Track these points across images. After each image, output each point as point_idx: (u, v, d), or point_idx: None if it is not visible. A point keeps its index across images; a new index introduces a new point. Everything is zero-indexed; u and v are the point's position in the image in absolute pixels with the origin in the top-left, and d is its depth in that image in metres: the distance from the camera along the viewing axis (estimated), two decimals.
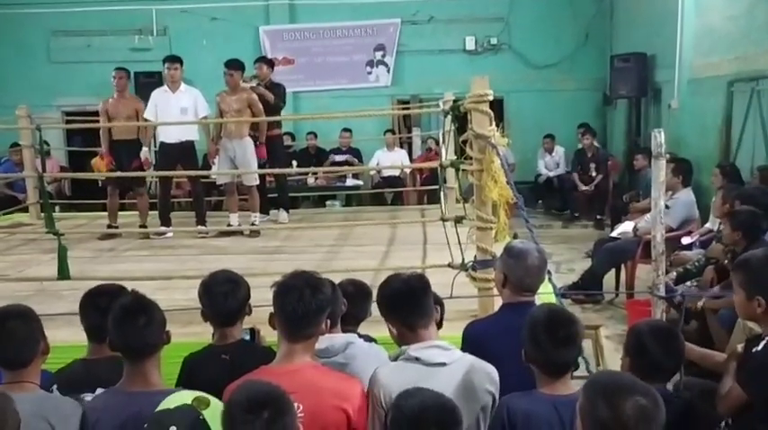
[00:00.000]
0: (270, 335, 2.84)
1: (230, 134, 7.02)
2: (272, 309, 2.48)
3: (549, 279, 3.51)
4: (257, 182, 7.29)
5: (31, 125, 7.63)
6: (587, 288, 6.44)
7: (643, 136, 10.31)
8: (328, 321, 2.48)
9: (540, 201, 11.40)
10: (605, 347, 4.72)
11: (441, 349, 2.49)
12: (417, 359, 2.46)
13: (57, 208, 10.23)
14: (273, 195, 8.00)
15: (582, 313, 6.11)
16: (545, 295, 3.58)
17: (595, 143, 10.73)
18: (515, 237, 5.71)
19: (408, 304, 2.58)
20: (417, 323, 2.56)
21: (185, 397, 2.21)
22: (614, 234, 7.08)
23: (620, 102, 11.11)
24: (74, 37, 12.32)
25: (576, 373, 2.54)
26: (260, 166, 7.27)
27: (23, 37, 12.29)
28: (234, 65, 7.09)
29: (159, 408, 2.16)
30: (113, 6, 12.05)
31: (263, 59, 8.14)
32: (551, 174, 11.31)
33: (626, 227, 7.01)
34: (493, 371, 2.51)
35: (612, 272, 6.81)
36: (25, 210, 8.46)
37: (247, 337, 2.98)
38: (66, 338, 3.50)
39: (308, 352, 2.43)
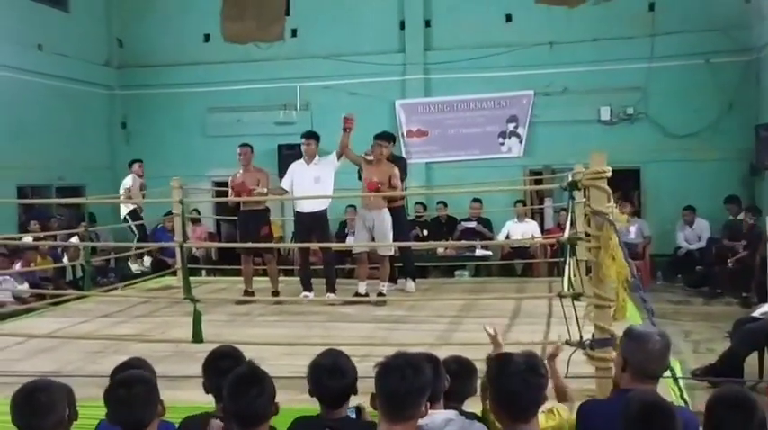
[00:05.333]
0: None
1: (369, 205, 7.30)
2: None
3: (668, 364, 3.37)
4: (391, 252, 7.49)
5: (183, 196, 8.25)
6: (726, 371, 6.04)
7: None
8: (428, 403, 2.49)
9: (679, 276, 10.90)
10: None
11: None
12: None
13: (203, 272, 10.97)
14: (400, 265, 8.17)
15: None
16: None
17: (748, 217, 10.16)
18: (653, 314, 5.50)
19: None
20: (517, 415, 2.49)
21: None
22: (756, 314, 6.64)
23: None
24: (226, 113, 13.32)
25: None
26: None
27: (182, 113, 13.45)
28: (385, 137, 7.45)
29: None
30: (261, 84, 13.01)
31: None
32: (692, 247, 10.82)
33: None
34: None
35: (756, 355, 6.36)
36: (175, 273, 9.09)
37: (353, 415, 3.03)
38: (196, 399, 3.70)
39: None
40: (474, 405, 3.17)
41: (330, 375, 2.85)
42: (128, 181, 10.74)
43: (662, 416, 2.30)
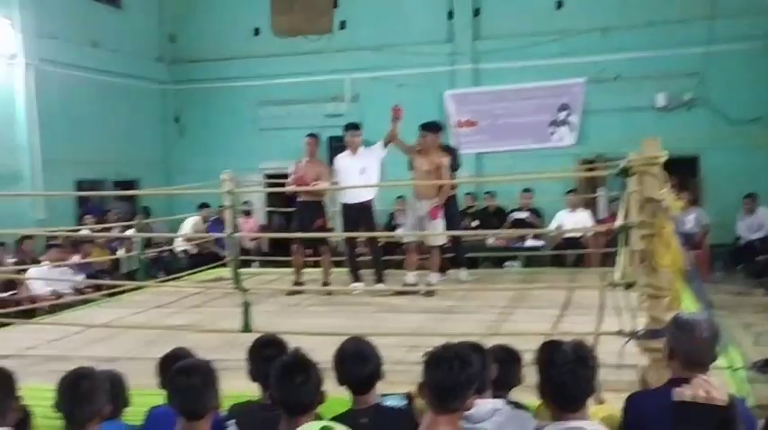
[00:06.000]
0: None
1: (419, 194, 7.26)
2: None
3: (726, 354, 3.26)
4: (442, 242, 7.44)
5: (233, 188, 8.34)
6: None
7: None
8: (474, 395, 2.47)
9: (739, 266, 10.57)
10: None
11: None
12: None
13: (256, 264, 11.09)
14: (450, 255, 8.11)
15: None
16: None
17: None
18: (711, 305, 5.36)
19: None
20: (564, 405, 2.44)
21: (313, 428, 2.34)
22: None
23: None
24: (277, 106, 13.44)
25: None
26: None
27: (233, 107, 13.62)
28: (429, 127, 7.36)
29: None
30: (311, 77, 13.08)
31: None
32: (753, 236, 10.47)
33: None
34: None
35: None
36: (226, 265, 9.21)
37: (405, 402, 3.01)
38: (245, 388, 3.73)
39: (451, 425, 2.42)
40: (521, 394, 3.12)
41: (354, 361, 2.89)
42: (187, 224, 11.00)
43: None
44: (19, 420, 2.94)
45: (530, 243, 10.52)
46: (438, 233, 7.18)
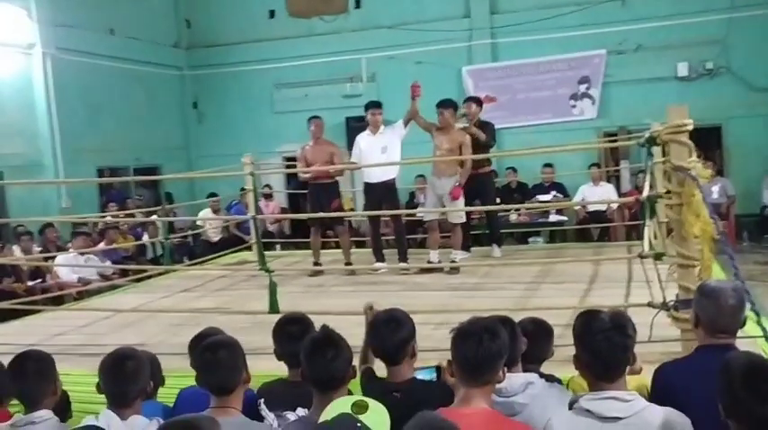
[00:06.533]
0: None
1: (440, 172, 7.20)
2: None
3: (759, 321, 3.21)
4: (463, 220, 7.40)
5: (254, 171, 8.34)
6: None
7: None
8: (505, 368, 2.45)
9: (766, 236, 10.45)
10: None
11: (618, 401, 2.31)
12: (589, 411, 2.32)
13: (278, 246, 11.13)
14: (477, 232, 8.04)
15: None
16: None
17: None
18: (736, 275, 5.29)
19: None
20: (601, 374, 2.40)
21: (345, 403, 2.31)
22: None
23: None
24: (293, 88, 13.41)
25: None
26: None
27: (250, 90, 13.62)
28: (445, 104, 7.28)
29: (320, 420, 2.26)
30: (327, 58, 13.01)
31: (471, 99, 8.19)
32: None
33: None
34: (680, 423, 2.34)
35: None
36: (250, 248, 9.24)
37: (433, 375, 3.00)
38: (273, 367, 3.75)
39: (485, 397, 2.41)
40: (552, 367, 3.10)
41: (387, 325, 2.85)
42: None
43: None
44: (59, 403, 2.98)
45: (553, 218, 10.43)
46: (459, 209, 7.13)
